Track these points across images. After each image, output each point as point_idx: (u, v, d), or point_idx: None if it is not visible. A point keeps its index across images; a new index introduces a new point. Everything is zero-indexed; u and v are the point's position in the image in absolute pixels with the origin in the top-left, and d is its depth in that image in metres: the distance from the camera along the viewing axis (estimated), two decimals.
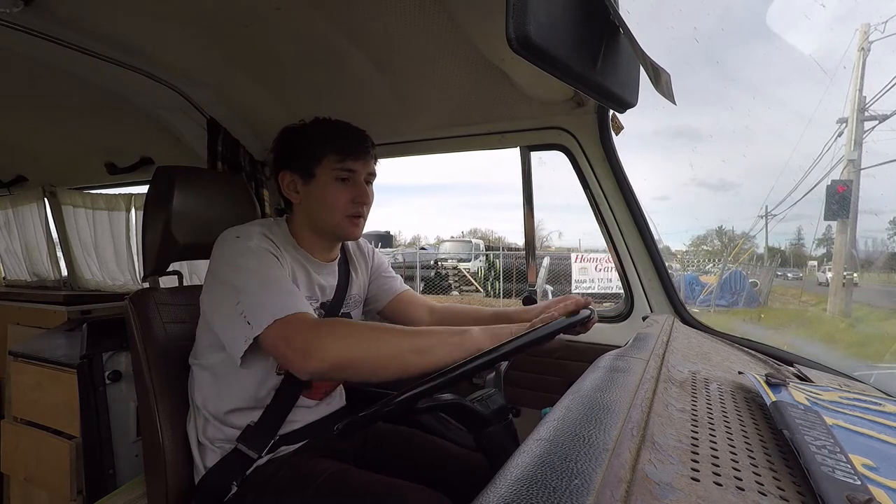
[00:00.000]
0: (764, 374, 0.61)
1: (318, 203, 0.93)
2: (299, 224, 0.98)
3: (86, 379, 1.38)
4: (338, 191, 0.92)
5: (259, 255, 0.83)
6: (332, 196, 0.92)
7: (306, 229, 0.97)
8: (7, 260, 2.91)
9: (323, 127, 0.95)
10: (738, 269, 10.98)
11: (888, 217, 21.08)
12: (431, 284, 11.85)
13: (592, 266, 9.16)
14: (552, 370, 1.28)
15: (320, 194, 0.93)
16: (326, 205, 0.93)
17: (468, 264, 13.69)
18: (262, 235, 0.88)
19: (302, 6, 0.95)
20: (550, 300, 1.01)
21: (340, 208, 0.93)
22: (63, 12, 1.00)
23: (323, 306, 1.01)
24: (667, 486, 0.32)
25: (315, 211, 0.94)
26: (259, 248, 0.84)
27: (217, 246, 0.87)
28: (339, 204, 0.92)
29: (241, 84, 1.32)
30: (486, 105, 1.22)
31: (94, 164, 2.08)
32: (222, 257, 0.85)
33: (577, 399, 0.46)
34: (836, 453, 0.39)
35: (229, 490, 0.89)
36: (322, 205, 0.93)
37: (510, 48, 0.44)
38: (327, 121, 0.97)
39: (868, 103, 7.29)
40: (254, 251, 0.83)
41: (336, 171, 0.92)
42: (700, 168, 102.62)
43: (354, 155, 0.93)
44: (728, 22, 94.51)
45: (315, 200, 0.94)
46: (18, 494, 1.60)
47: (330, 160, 0.92)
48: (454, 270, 12.98)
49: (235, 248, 0.84)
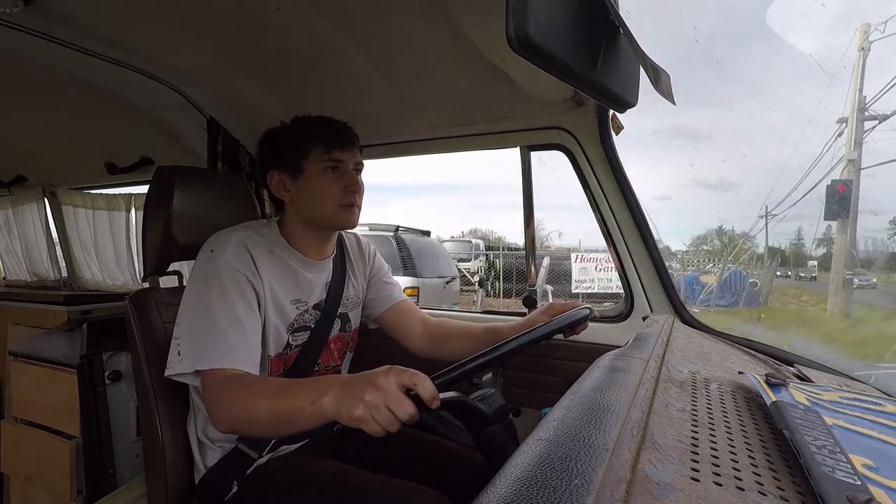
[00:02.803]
0: (764, 374, 0.61)
1: (310, 197, 0.93)
2: (292, 222, 0.98)
3: (86, 379, 1.38)
4: (328, 183, 0.92)
5: (223, 281, 0.84)
6: (322, 188, 0.92)
7: (300, 226, 0.97)
8: (7, 260, 2.91)
9: (305, 122, 0.95)
10: (738, 269, 10.97)
11: (888, 217, 21.05)
12: None
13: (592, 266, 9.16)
14: (552, 370, 1.28)
15: (310, 188, 0.93)
16: (318, 197, 0.93)
17: (468, 264, 13.69)
18: (239, 245, 0.88)
19: (302, 6, 0.95)
20: (546, 304, 1.02)
21: (333, 199, 0.92)
22: (63, 12, 1.00)
23: (317, 307, 1.01)
24: (667, 486, 0.32)
25: (307, 206, 0.94)
26: (227, 269, 0.84)
27: (199, 253, 0.90)
28: (331, 195, 0.92)
29: (241, 84, 1.32)
30: (486, 105, 1.21)
31: (94, 164, 2.08)
32: (194, 269, 0.88)
33: (577, 399, 0.46)
34: (836, 453, 0.39)
35: (230, 489, 0.89)
36: (314, 198, 0.93)
37: (510, 48, 0.44)
38: (308, 117, 0.97)
39: (868, 103, 7.28)
40: (220, 273, 0.84)
41: (324, 162, 0.92)
42: (700, 168, 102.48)
43: (340, 146, 0.93)
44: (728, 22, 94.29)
45: (306, 195, 0.94)
46: (18, 494, 1.60)
47: (316, 153, 0.92)
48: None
49: (205, 266, 0.86)
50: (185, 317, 0.84)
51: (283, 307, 0.94)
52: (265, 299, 0.89)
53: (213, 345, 0.79)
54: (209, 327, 0.80)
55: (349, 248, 1.13)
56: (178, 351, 0.81)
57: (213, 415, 0.77)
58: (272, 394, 0.71)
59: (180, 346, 0.81)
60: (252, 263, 0.88)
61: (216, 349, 0.79)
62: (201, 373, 0.79)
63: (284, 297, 0.94)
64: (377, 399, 0.59)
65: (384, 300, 1.16)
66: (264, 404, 0.70)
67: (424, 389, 0.59)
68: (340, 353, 1.08)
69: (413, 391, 0.60)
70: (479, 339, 1.04)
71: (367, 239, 1.21)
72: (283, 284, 0.94)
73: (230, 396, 0.74)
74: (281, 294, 0.93)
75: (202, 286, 0.84)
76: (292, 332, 0.97)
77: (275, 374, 0.95)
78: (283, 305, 0.94)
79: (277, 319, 0.93)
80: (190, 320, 0.83)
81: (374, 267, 1.17)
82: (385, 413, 0.58)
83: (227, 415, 0.74)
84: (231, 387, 0.75)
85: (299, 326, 0.98)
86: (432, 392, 0.59)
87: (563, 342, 1.10)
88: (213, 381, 0.77)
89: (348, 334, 1.10)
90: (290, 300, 0.96)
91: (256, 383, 0.76)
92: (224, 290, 0.83)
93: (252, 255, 0.88)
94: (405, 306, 1.17)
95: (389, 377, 0.60)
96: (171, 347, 0.83)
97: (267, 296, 0.90)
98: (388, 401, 0.58)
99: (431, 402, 0.59)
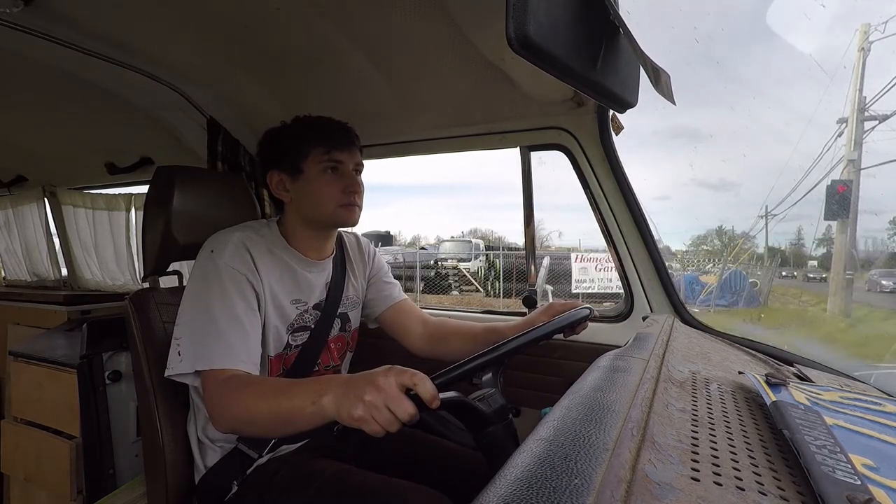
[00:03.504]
0: (764, 374, 0.61)
1: (310, 197, 0.94)
2: (292, 222, 0.98)
3: (86, 379, 1.38)
4: (328, 183, 0.93)
5: (223, 281, 0.84)
6: (322, 188, 0.93)
7: (299, 226, 0.98)
8: (7, 260, 2.91)
9: (305, 123, 0.96)
10: (738, 269, 10.97)
11: (888, 217, 21.02)
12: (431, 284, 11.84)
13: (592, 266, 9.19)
14: (552, 370, 1.28)
15: (310, 189, 0.93)
16: (318, 198, 0.93)
17: (468, 264, 13.69)
18: (239, 245, 0.88)
19: (302, 6, 0.95)
20: (546, 304, 1.02)
21: (333, 199, 0.93)
22: (63, 12, 1.00)
23: (317, 307, 1.01)
24: (667, 486, 0.32)
25: (307, 205, 0.95)
26: (227, 269, 0.85)
27: (199, 253, 0.90)
28: (331, 195, 0.93)
29: (241, 84, 1.32)
30: (486, 105, 1.21)
31: (94, 164, 2.08)
32: (194, 269, 0.88)
33: (577, 399, 0.46)
34: (837, 453, 0.39)
35: (230, 489, 0.89)
36: (314, 198, 0.93)
37: (510, 48, 0.44)
38: (308, 117, 0.97)
39: (868, 103, 7.28)
40: (220, 273, 0.84)
41: (323, 163, 0.92)
42: (700, 168, 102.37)
43: (340, 146, 0.93)
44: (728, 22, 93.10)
45: (306, 195, 0.94)
46: (18, 494, 1.60)
47: (316, 153, 0.92)
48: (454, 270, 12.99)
49: (205, 266, 0.86)
50: (185, 317, 0.84)
51: (282, 307, 0.94)
52: (265, 299, 0.90)
53: (213, 345, 0.79)
54: (209, 327, 0.80)
55: (349, 247, 1.13)
56: (178, 351, 0.81)
57: (213, 415, 0.77)
58: (272, 394, 0.71)
59: (180, 346, 0.81)
60: (252, 263, 0.88)
61: (216, 349, 0.79)
62: (201, 373, 0.79)
63: (284, 298, 0.94)
64: (377, 399, 0.59)
65: (384, 300, 1.16)
66: (264, 404, 0.70)
67: (424, 389, 0.59)
68: (340, 354, 1.08)
69: (413, 391, 0.60)
70: (478, 339, 1.04)
71: (368, 239, 1.21)
72: (282, 284, 0.94)
73: (230, 397, 0.74)
74: (281, 294, 0.93)
75: (202, 286, 0.85)
76: (292, 332, 0.97)
77: (275, 374, 0.95)
78: (282, 305, 0.94)
79: (277, 320, 0.93)
80: (190, 320, 0.83)
81: (374, 266, 1.17)
82: (385, 413, 0.58)
83: (227, 415, 0.74)
84: (231, 387, 0.75)
85: (299, 326, 0.98)
86: (432, 392, 0.59)
87: (563, 342, 1.10)
88: (214, 381, 0.77)
89: (348, 334, 1.10)
90: (290, 300, 0.96)
91: (256, 384, 0.76)
92: (224, 291, 0.83)
93: (252, 255, 0.88)
94: (405, 305, 1.18)
95: (389, 377, 0.60)
96: (171, 348, 0.83)
97: (267, 296, 0.90)
98: (388, 401, 0.58)
99: (431, 402, 0.59)
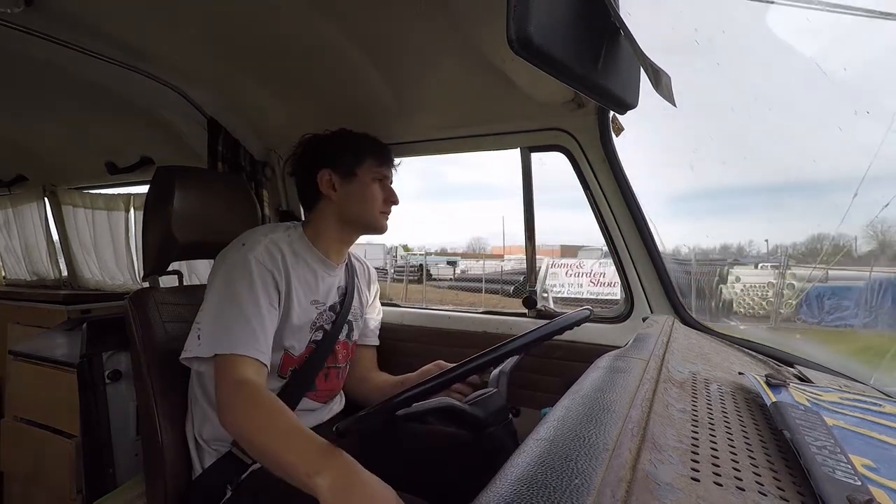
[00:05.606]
0: (764, 375, 0.61)
1: (358, 198, 1.04)
2: (325, 221, 1.04)
3: (86, 378, 1.37)
4: (377, 190, 1.05)
5: (252, 274, 0.86)
6: (371, 194, 1.04)
7: (333, 224, 1.04)
8: (7, 259, 2.91)
9: (357, 136, 1.09)
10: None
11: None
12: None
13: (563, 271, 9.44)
14: (552, 370, 1.28)
15: (361, 191, 1.04)
16: (366, 201, 1.04)
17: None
18: (270, 244, 0.92)
19: (302, 6, 0.95)
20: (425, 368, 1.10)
21: (378, 205, 1.06)
22: (64, 12, 1.00)
23: (333, 309, 1.05)
24: (667, 486, 0.32)
25: (352, 205, 1.04)
26: (257, 263, 0.88)
27: (225, 249, 0.93)
28: (377, 201, 1.05)
29: (241, 84, 1.32)
30: (486, 106, 1.21)
31: (94, 163, 2.08)
32: (223, 262, 0.90)
33: (577, 399, 0.46)
34: (837, 454, 0.39)
35: (224, 494, 0.88)
36: (362, 200, 1.04)
37: (511, 49, 0.44)
38: (356, 132, 1.10)
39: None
40: (250, 266, 0.87)
41: (374, 173, 1.05)
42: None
43: (388, 164, 1.09)
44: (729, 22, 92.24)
45: (354, 196, 1.03)
46: (18, 494, 1.60)
47: (370, 163, 1.05)
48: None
49: (235, 258, 0.89)
50: (210, 302, 0.85)
51: (305, 307, 0.97)
52: (288, 298, 0.93)
53: (237, 331, 0.80)
54: (235, 313, 0.82)
55: (356, 264, 1.19)
56: (197, 335, 0.82)
57: (221, 413, 0.76)
58: (277, 433, 0.69)
59: (201, 330, 0.82)
60: (280, 262, 0.92)
61: (240, 335, 0.80)
62: (217, 362, 0.79)
63: (305, 298, 0.98)
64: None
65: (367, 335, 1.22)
66: (266, 438, 0.69)
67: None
68: (345, 358, 1.11)
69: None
70: (384, 390, 1.12)
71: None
72: (305, 285, 0.98)
73: (243, 408, 0.74)
74: (303, 295, 0.97)
75: (231, 276, 0.87)
76: (314, 331, 1.00)
77: (287, 368, 0.97)
78: (304, 306, 0.97)
79: (300, 318, 0.96)
80: (215, 305, 0.84)
81: (373, 296, 1.24)
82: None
83: (233, 421, 0.74)
84: (244, 396, 0.75)
85: (318, 326, 1.01)
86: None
87: (563, 342, 1.10)
88: (230, 377, 0.77)
89: (350, 343, 1.13)
90: (310, 301, 0.99)
91: (267, 408, 0.74)
92: (252, 283, 0.86)
93: (283, 254, 0.93)
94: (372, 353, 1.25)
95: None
96: (191, 332, 0.84)
97: (292, 295, 0.93)
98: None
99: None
